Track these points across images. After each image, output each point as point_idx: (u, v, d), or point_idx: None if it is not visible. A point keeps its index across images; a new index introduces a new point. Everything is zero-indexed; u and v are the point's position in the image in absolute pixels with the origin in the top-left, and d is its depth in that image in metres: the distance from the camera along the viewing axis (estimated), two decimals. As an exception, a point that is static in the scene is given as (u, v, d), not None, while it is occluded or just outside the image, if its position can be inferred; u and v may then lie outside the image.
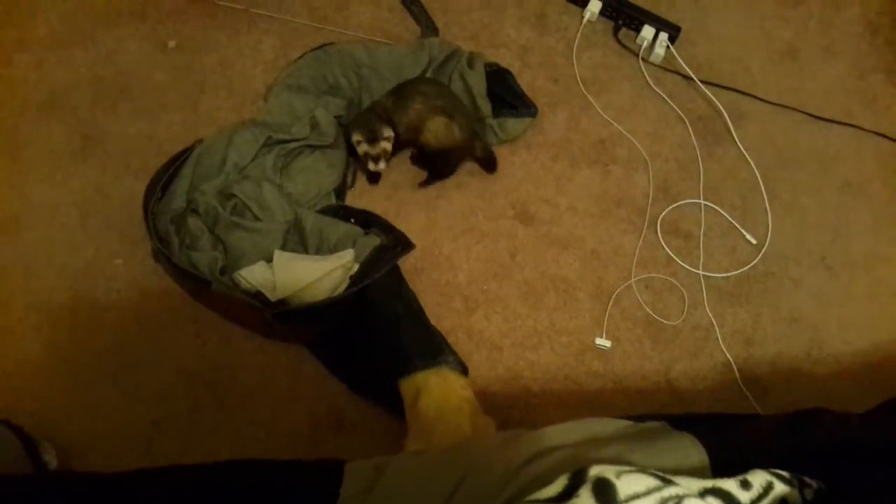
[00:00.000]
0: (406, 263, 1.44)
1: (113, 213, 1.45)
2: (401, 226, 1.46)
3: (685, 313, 1.44)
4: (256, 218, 1.41)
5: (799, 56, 1.75)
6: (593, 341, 1.42)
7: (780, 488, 0.85)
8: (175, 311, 1.37)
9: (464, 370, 1.33)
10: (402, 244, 1.42)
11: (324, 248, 1.40)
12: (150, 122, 1.55)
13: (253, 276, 1.34)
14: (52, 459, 1.18)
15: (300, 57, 1.59)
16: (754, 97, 1.67)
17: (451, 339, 1.37)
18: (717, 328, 1.43)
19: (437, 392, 1.24)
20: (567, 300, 1.46)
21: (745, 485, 0.84)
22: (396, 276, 1.42)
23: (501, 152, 1.58)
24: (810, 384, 1.41)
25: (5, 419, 1.18)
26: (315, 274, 1.32)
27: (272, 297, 1.32)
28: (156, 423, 1.29)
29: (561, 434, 0.98)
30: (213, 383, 1.33)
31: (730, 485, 0.84)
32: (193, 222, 1.38)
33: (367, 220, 1.46)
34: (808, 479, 0.86)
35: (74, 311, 1.37)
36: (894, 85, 1.71)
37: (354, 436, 1.30)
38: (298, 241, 1.41)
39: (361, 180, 1.54)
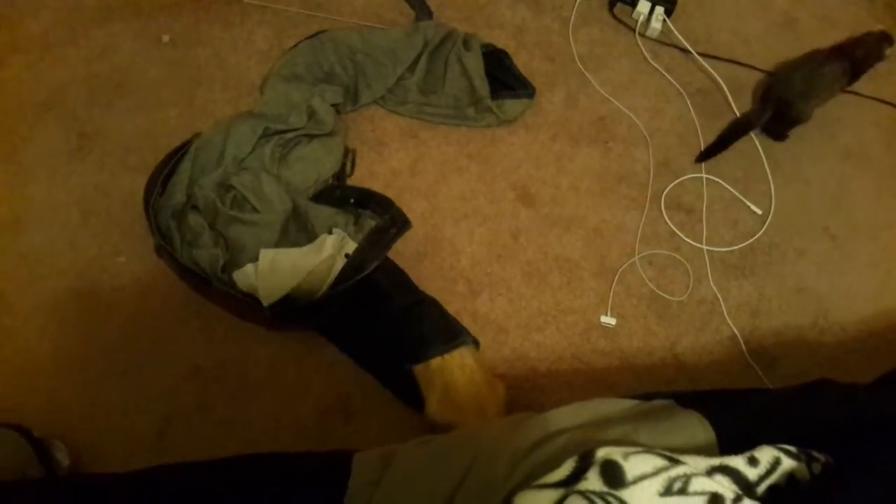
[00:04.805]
0: (409, 249, 1.44)
1: (113, 210, 1.46)
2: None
3: (690, 288, 1.44)
4: (255, 210, 1.40)
5: (797, 25, 1.73)
6: (598, 320, 1.42)
7: (787, 463, 0.85)
8: (180, 306, 1.38)
9: (476, 343, 1.35)
10: (398, 224, 1.42)
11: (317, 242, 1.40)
12: (147, 118, 1.55)
13: (242, 281, 1.33)
14: (63, 458, 1.19)
15: (294, 46, 1.58)
16: (753, 68, 1.66)
17: (456, 324, 1.37)
18: (722, 302, 1.43)
19: (459, 375, 1.26)
20: (571, 279, 1.45)
21: (753, 461, 0.84)
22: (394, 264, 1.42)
23: (500, 133, 1.58)
24: (817, 353, 1.41)
25: (16, 423, 1.19)
26: (302, 271, 1.32)
27: (263, 301, 1.32)
28: (165, 418, 1.30)
29: (568, 416, 0.99)
30: (221, 377, 1.33)
31: (737, 462, 0.84)
32: (194, 219, 1.38)
33: (365, 197, 1.45)
34: (815, 454, 0.86)
35: (79, 309, 1.38)
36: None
37: (363, 424, 1.30)
38: (299, 230, 1.40)
39: (360, 167, 1.53)
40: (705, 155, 1.56)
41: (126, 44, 1.62)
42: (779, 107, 1.53)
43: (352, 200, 1.44)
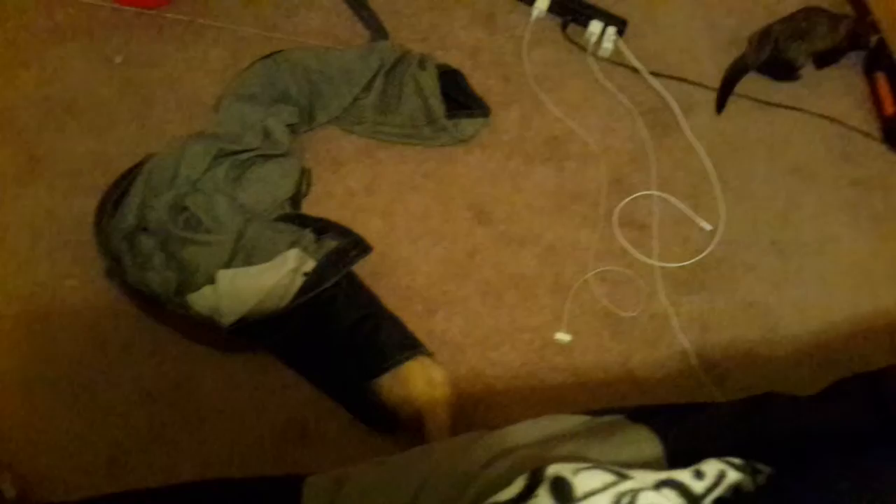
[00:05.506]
0: (365, 269, 1.44)
1: (64, 233, 1.44)
2: (358, 232, 1.46)
3: (642, 304, 1.46)
4: (208, 231, 1.39)
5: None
6: (554, 336, 1.43)
7: (732, 476, 0.86)
8: (131, 329, 1.36)
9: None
10: (359, 247, 1.42)
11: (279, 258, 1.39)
12: (99, 140, 1.53)
13: (198, 303, 1.32)
14: (9, 489, 1.17)
15: (249, 66, 1.58)
16: (703, 86, 1.70)
17: (412, 343, 1.37)
18: (673, 317, 1.45)
19: (422, 389, 1.28)
20: (526, 297, 1.47)
21: (699, 475, 0.86)
22: (357, 279, 1.42)
23: (456, 153, 1.59)
24: (767, 367, 1.43)
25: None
26: (263, 289, 1.32)
27: (221, 322, 1.31)
28: (117, 445, 1.28)
29: (520, 433, 1.00)
30: (174, 401, 1.32)
31: (684, 475, 0.85)
32: (145, 241, 1.37)
33: (324, 228, 1.45)
34: (759, 466, 0.88)
35: (28, 335, 1.35)
36: (836, 68, 1.74)
37: (319, 445, 1.30)
38: (253, 250, 1.40)
39: (316, 187, 1.53)
40: (720, 104, 1.67)
41: (77, 64, 1.61)
42: (776, 46, 1.65)
43: (309, 229, 1.44)
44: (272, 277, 1.33)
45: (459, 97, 1.61)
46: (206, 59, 1.64)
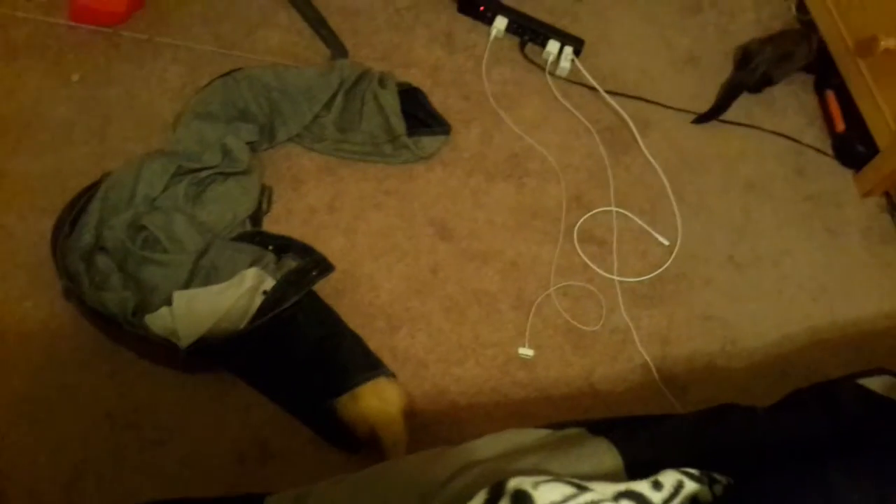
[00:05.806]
0: (327, 286, 1.43)
1: (20, 253, 1.41)
2: (320, 250, 1.45)
3: (603, 318, 1.48)
4: (166, 251, 1.38)
5: (699, 62, 1.81)
6: (517, 352, 1.44)
7: (690, 486, 0.87)
8: (90, 351, 1.33)
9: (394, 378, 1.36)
10: (320, 267, 1.42)
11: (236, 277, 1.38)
12: (56, 158, 1.51)
13: (156, 324, 1.31)
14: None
15: (208, 84, 1.57)
16: (658, 104, 1.73)
17: (375, 360, 1.37)
18: (633, 331, 1.47)
19: (375, 406, 1.27)
20: (490, 312, 1.47)
21: (657, 485, 0.87)
22: (318, 297, 1.42)
23: (418, 170, 1.60)
24: (726, 379, 1.46)
25: None
26: (220, 310, 1.30)
27: (179, 343, 1.29)
28: (76, 468, 1.25)
29: (482, 448, 1.00)
30: (133, 423, 1.29)
31: (642, 486, 0.86)
32: (102, 261, 1.35)
33: (285, 246, 1.45)
34: (717, 476, 0.90)
35: (-17, 357, 1.32)
36: (789, 85, 1.79)
37: (281, 466, 1.28)
38: (212, 270, 1.39)
39: (277, 205, 1.53)
40: (706, 117, 1.71)
41: (33, 83, 1.59)
42: (766, 71, 1.71)
43: (270, 247, 1.43)
44: (230, 297, 1.32)
45: (420, 115, 1.62)
46: (164, 77, 1.63)
